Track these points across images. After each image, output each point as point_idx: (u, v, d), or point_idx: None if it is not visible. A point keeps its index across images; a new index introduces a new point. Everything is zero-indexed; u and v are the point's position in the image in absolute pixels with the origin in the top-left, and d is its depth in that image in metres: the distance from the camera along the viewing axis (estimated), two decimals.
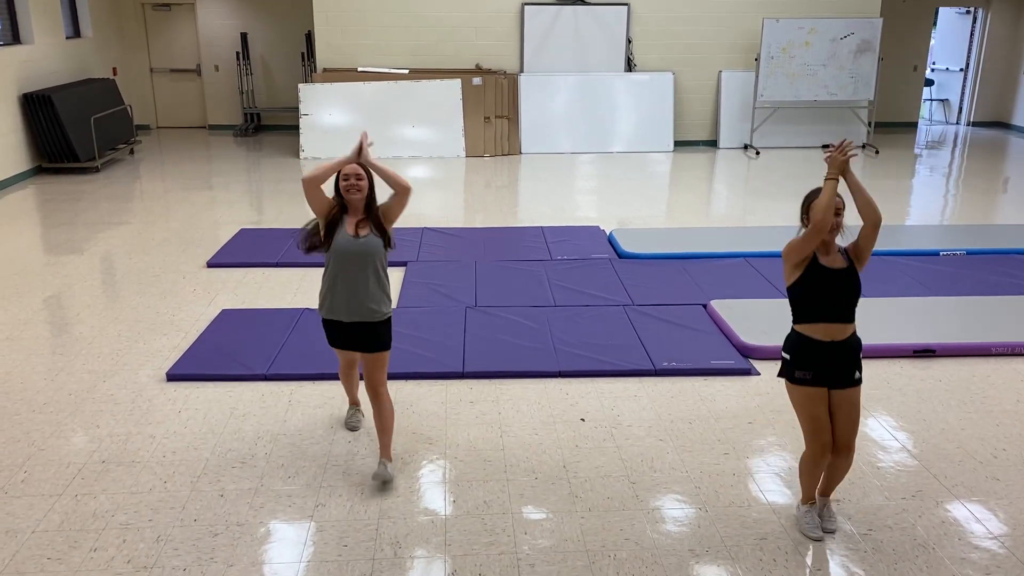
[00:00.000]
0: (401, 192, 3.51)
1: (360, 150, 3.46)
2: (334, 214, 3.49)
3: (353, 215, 3.50)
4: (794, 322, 3.19)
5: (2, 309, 5.59)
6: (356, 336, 3.57)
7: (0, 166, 9.15)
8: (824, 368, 3.11)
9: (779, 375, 3.23)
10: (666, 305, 5.57)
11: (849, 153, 3.21)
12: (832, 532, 3.28)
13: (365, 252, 3.46)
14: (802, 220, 3.21)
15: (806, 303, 3.13)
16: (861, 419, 4.12)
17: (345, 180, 3.45)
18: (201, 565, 3.05)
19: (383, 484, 3.56)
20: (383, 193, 3.44)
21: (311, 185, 3.43)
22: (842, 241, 3.27)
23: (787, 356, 3.18)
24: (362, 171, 3.46)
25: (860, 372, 3.16)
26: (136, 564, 3.06)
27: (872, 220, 3.24)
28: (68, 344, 5.04)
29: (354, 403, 4.10)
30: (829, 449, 3.17)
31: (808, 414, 3.16)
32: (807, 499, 3.32)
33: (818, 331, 3.10)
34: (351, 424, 4.04)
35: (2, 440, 3.91)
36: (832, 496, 3.37)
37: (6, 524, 3.28)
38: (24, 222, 7.91)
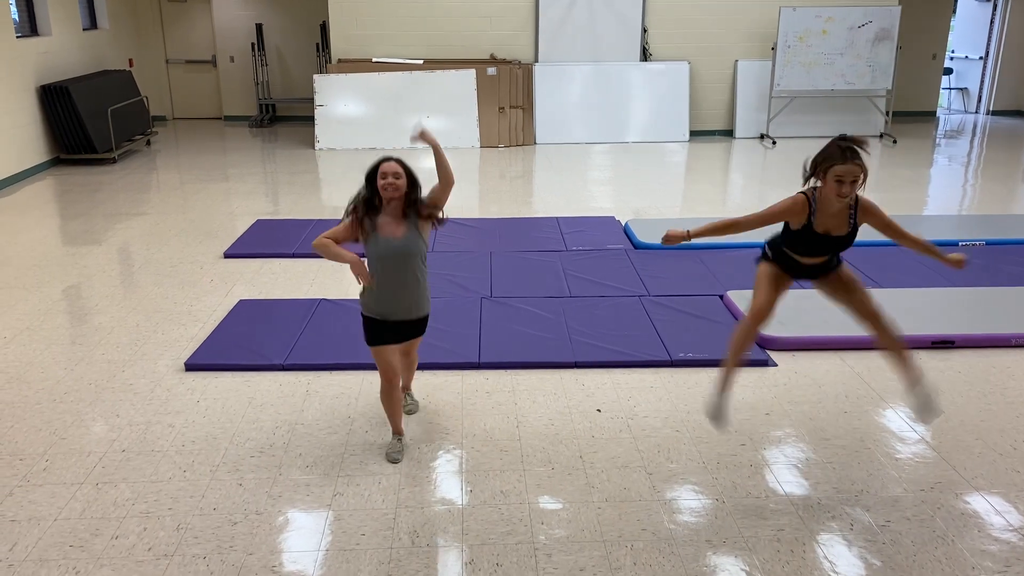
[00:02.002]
0: (447, 184, 3.54)
1: (422, 135, 3.55)
2: (364, 224, 3.42)
3: (391, 215, 3.42)
4: (782, 238, 3.37)
5: (22, 299, 5.65)
6: (401, 331, 3.58)
7: (18, 157, 9.22)
8: (803, 273, 3.38)
9: (755, 260, 3.49)
10: (682, 296, 5.55)
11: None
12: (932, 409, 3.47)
13: (407, 253, 3.42)
14: (819, 175, 3.20)
15: (793, 242, 3.33)
16: (879, 409, 4.14)
17: (383, 179, 3.36)
18: (221, 553, 3.08)
19: (413, 411, 4.05)
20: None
21: (325, 249, 3.45)
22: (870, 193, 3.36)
23: (768, 252, 3.43)
24: (401, 170, 3.38)
25: (839, 260, 3.39)
26: (157, 552, 3.09)
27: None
28: (87, 334, 5.08)
29: (398, 431, 3.77)
30: (764, 318, 3.38)
31: (763, 286, 3.39)
32: (724, 386, 3.48)
33: (801, 259, 3.36)
34: (392, 456, 3.69)
35: (24, 429, 3.96)
36: (917, 376, 3.48)
37: (29, 512, 3.32)
38: (42, 213, 7.97)
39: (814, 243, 3.27)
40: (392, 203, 3.40)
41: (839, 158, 3.05)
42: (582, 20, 11.49)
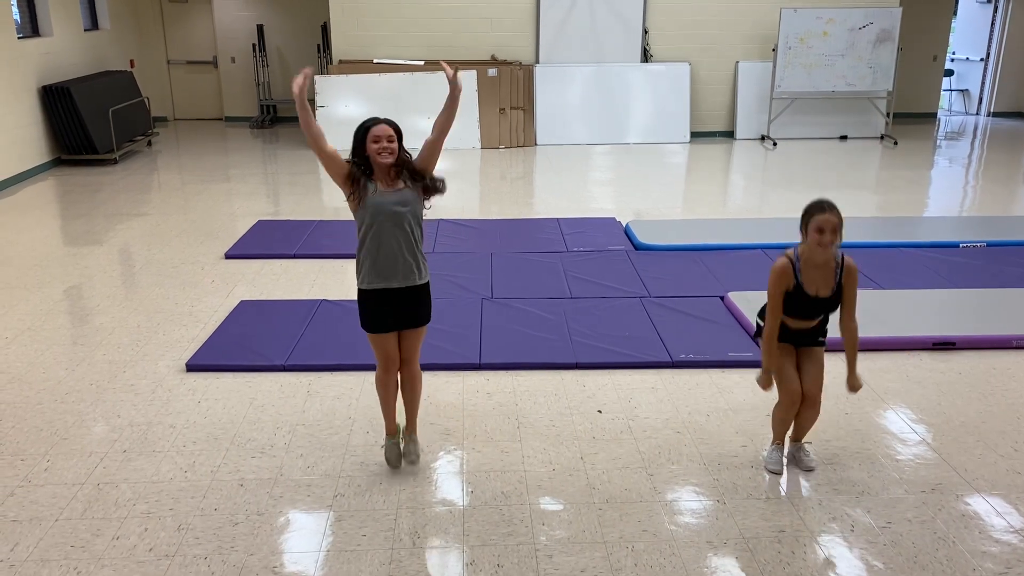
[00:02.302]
0: (447, 127, 3.37)
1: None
2: (357, 177, 3.28)
3: (384, 178, 3.28)
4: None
5: (23, 300, 5.65)
6: (402, 307, 3.37)
7: (20, 158, 9.23)
8: (791, 338, 3.50)
9: (753, 337, 3.63)
10: (683, 297, 5.55)
11: None
12: (811, 470, 3.62)
13: (401, 205, 3.26)
14: (801, 231, 3.39)
15: (784, 308, 3.43)
16: (880, 410, 4.15)
17: (376, 143, 3.22)
18: (222, 553, 3.08)
19: (414, 461, 3.59)
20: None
21: (317, 141, 3.27)
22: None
23: (761, 323, 3.56)
24: (393, 132, 3.25)
25: (824, 337, 3.55)
26: (158, 552, 3.09)
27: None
28: (88, 335, 5.08)
29: (392, 432, 3.62)
30: (798, 399, 3.51)
31: (776, 368, 3.50)
32: (776, 440, 3.69)
33: (789, 322, 3.47)
34: (391, 458, 3.60)
35: (25, 429, 3.96)
36: (804, 439, 3.72)
37: (30, 512, 3.32)
38: (43, 213, 7.98)
39: (804, 305, 3.40)
40: (385, 167, 3.27)
41: (816, 210, 3.30)
42: (583, 21, 11.49)
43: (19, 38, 9.39)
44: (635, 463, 3.69)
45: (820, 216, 3.26)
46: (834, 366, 4.64)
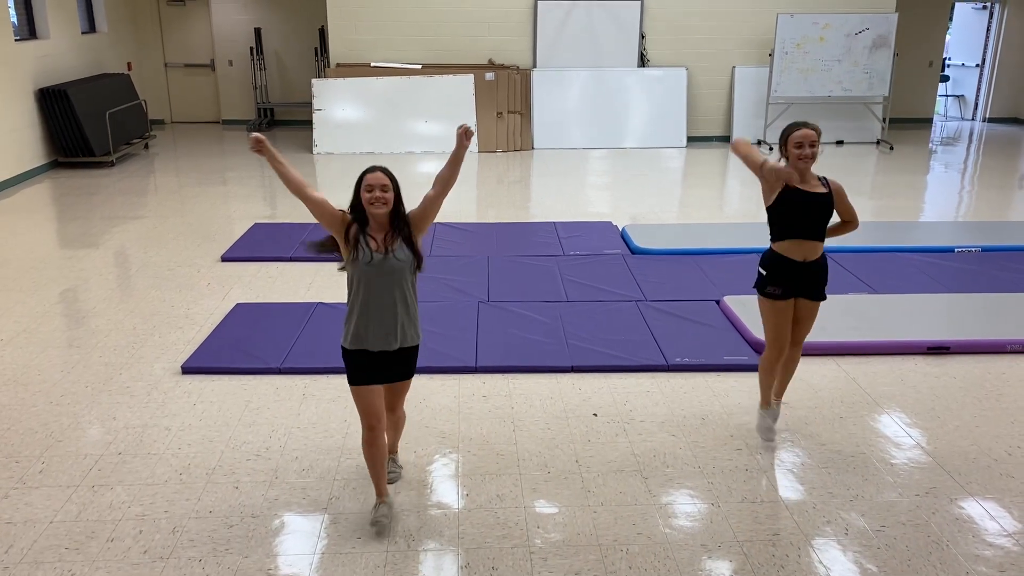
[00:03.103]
0: (448, 185, 3.19)
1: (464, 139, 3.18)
2: (352, 230, 3.09)
3: (377, 230, 3.08)
4: (771, 240, 3.62)
5: (19, 302, 5.65)
6: (386, 365, 3.16)
7: (16, 160, 9.22)
8: (795, 284, 3.57)
9: (753, 286, 3.67)
10: (679, 301, 5.56)
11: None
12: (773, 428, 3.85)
13: (394, 269, 3.05)
14: (782, 154, 3.61)
15: (781, 223, 3.54)
16: (874, 414, 4.16)
17: (369, 191, 3.02)
18: (216, 556, 3.08)
19: (394, 480, 3.54)
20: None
21: (301, 191, 3.11)
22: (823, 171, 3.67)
23: (763, 272, 3.62)
24: (388, 181, 3.04)
25: (824, 289, 3.65)
26: (152, 555, 3.09)
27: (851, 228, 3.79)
28: (84, 337, 5.08)
29: (381, 494, 3.29)
30: (785, 354, 3.70)
31: (773, 323, 3.63)
32: (764, 403, 3.85)
33: (792, 249, 3.54)
34: (379, 523, 3.23)
35: (20, 431, 3.96)
36: (783, 398, 3.94)
37: (25, 514, 3.32)
38: (40, 216, 7.97)
39: (803, 206, 3.47)
40: (379, 217, 3.07)
41: (792, 127, 3.51)
42: (580, 26, 11.52)
43: (16, 40, 9.39)
44: (630, 466, 3.70)
45: (797, 132, 3.46)
46: (830, 370, 4.66)
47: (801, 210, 3.51)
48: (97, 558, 3.07)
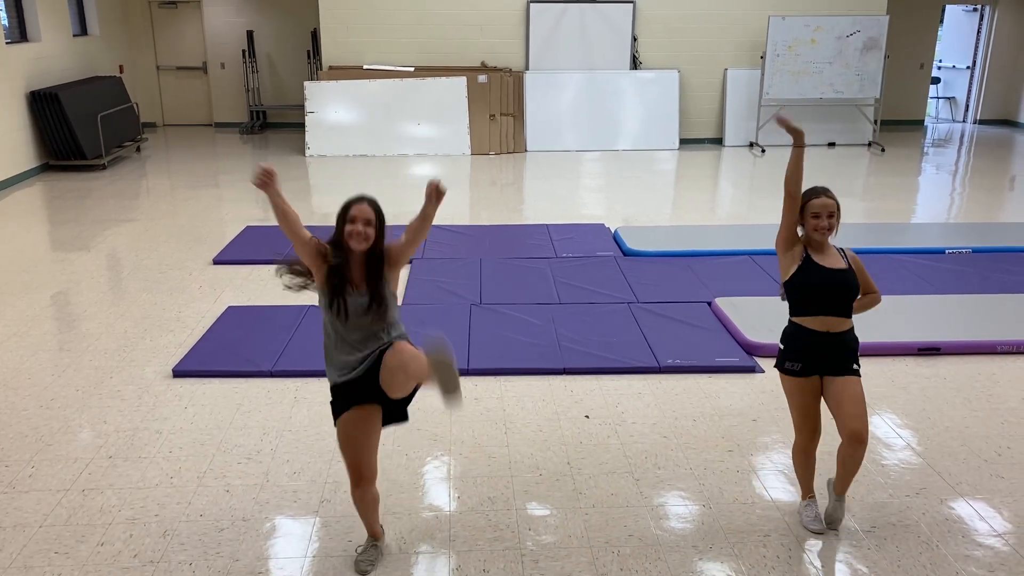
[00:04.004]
0: (420, 236, 2.91)
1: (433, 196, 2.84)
2: (331, 264, 2.85)
3: (353, 266, 2.84)
4: (791, 315, 3.22)
5: (9, 305, 5.63)
6: (363, 388, 2.86)
7: (7, 163, 9.19)
8: (816, 358, 3.12)
9: (775, 366, 3.27)
10: (671, 303, 5.57)
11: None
12: (838, 525, 3.27)
13: (366, 312, 2.83)
14: (799, 221, 3.19)
15: (802, 298, 3.15)
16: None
17: (352, 224, 2.77)
18: (207, 560, 3.07)
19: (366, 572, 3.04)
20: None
21: (293, 228, 2.87)
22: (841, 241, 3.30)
23: (781, 346, 3.23)
24: (372, 216, 2.78)
25: (858, 365, 3.14)
26: (143, 559, 3.08)
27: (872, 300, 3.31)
28: (75, 340, 5.06)
29: (374, 535, 3.11)
30: (816, 438, 3.23)
31: (795, 403, 3.21)
32: (806, 494, 3.35)
33: (814, 323, 3.12)
34: (363, 566, 3.03)
35: (10, 436, 3.94)
36: (847, 493, 3.28)
37: (14, 518, 3.31)
38: (31, 219, 7.94)
39: (822, 281, 3.12)
40: (358, 255, 2.83)
41: (811, 195, 3.16)
42: (573, 29, 11.54)
43: (7, 43, 9.36)
44: (622, 468, 3.70)
45: (815, 200, 3.13)
46: None
47: (822, 285, 3.12)
48: (87, 562, 3.05)
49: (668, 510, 3.40)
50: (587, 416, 4.16)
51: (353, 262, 2.84)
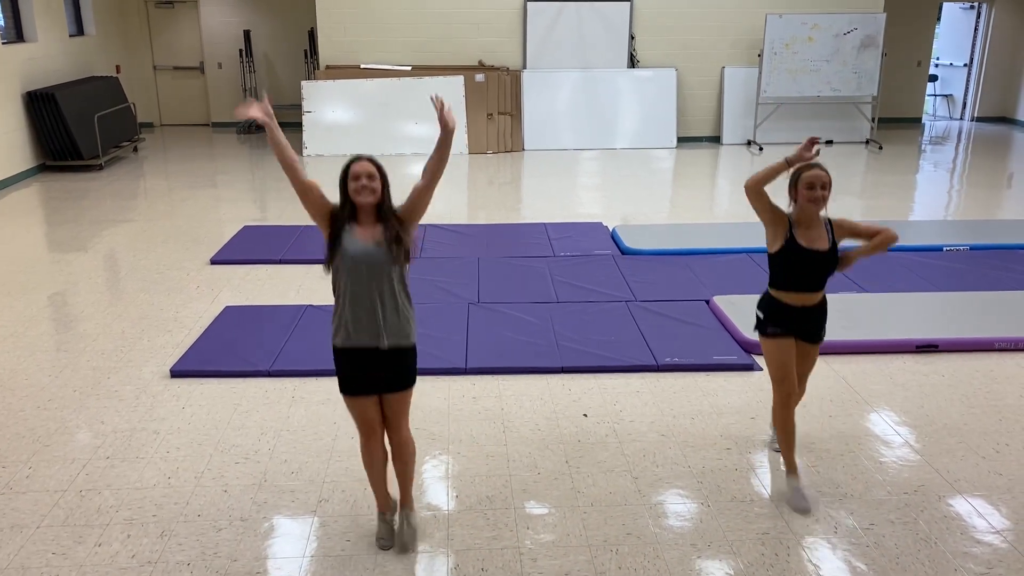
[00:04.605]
0: (438, 173, 2.99)
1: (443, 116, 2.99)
2: (337, 220, 2.94)
3: (364, 222, 2.92)
4: (769, 285, 3.47)
5: (7, 306, 5.62)
6: (380, 369, 2.97)
7: (4, 164, 9.17)
8: (794, 325, 3.42)
9: (754, 329, 3.53)
10: (669, 301, 5.57)
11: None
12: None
13: (378, 261, 2.89)
14: (791, 194, 3.39)
15: (780, 274, 3.41)
16: (863, 413, 4.18)
17: (355, 180, 2.86)
18: (205, 560, 3.07)
19: (407, 546, 3.13)
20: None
21: (293, 167, 2.94)
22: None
23: (760, 315, 3.49)
24: (375, 170, 2.88)
25: (824, 331, 3.50)
26: (140, 559, 3.07)
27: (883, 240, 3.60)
28: (72, 341, 5.05)
29: (384, 507, 3.19)
30: (795, 394, 3.47)
31: (777, 362, 3.43)
32: (792, 468, 3.47)
33: (789, 298, 3.40)
34: (383, 541, 3.15)
35: (7, 436, 3.93)
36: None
37: (11, 519, 3.30)
38: (28, 220, 7.93)
39: (802, 262, 3.32)
40: (366, 207, 2.91)
41: (804, 168, 3.32)
42: (570, 27, 11.53)
43: (3, 43, 9.35)
44: (620, 466, 3.70)
45: (809, 172, 3.27)
46: (819, 369, 4.66)
47: (802, 267, 3.34)
48: (85, 563, 3.05)
49: (666, 508, 3.39)
50: (585, 415, 4.16)
51: (364, 218, 2.93)
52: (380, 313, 2.93)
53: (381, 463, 3.11)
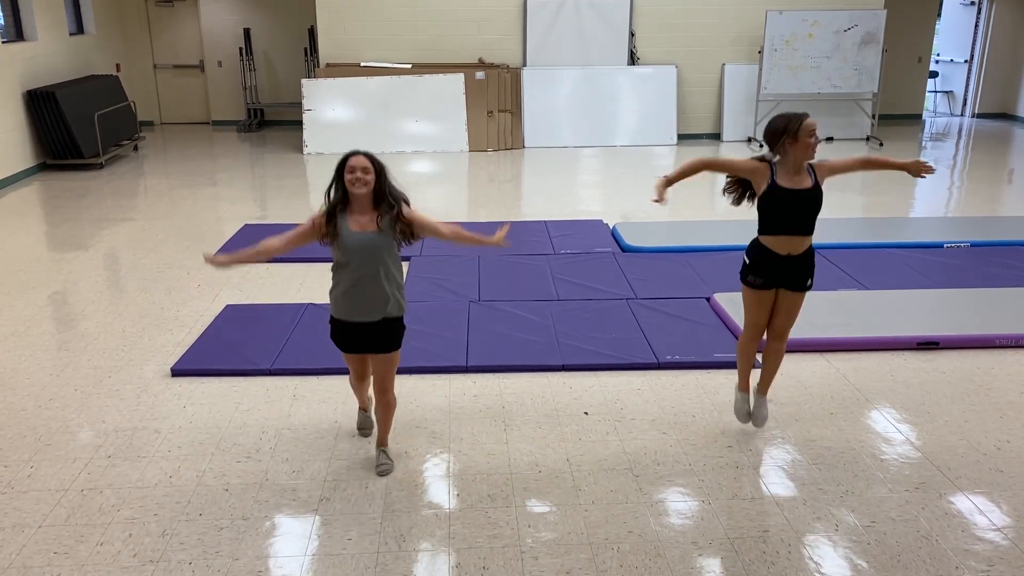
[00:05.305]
0: (446, 238, 3.52)
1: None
2: (329, 224, 3.32)
3: (358, 211, 3.29)
4: (758, 231, 3.60)
5: (8, 306, 5.62)
6: (367, 337, 3.42)
7: (4, 163, 9.18)
8: (778, 276, 3.58)
9: (739, 274, 3.70)
10: (669, 298, 5.57)
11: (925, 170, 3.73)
12: (761, 425, 3.88)
13: (373, 248, 3.28)
14: (779, 145, 3.46)
15: (767, 218, 3.54)
16: (864, 410, 4.17)
17: (351, 173, 3.22)
18: (207, 559, 3.07)
19: (384, 472, 3.62)
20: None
21: (289, 246, 3.42)
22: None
23: (747, 260, 3.65)
24: (369, 164, 3.23)
25: (811, 280, 3.63)
26: (142, 558, 3.07)
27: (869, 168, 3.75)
28: (73, 340, 5.06)
29: (364, 408, 3.93)
30: (760, 334, 3.76)
31: (751, 309, 3.70)
32: (742, 386, 3.89)
33: (777, 243, 3.54)
34: (362, 431, 3.93)
35: (9, 435, 3.94)
36: (768, 396, 3.96)
37: (13, 519, 3.30)
38: (29, 219, 7.93)
39: (785, 203, 3.46)
40: (361, 198, 3.26)
41: (799, 117, 3.43)
42: (570, 25, 11.52)
43: (3, 42, 9.34)
44: (621, 464, 3.70)
45: (808, 120, 3.40)
46: (819, 367, 4.67)
47: (787, 207, 3.50)
48: (86, 562, 3.05)
49: (668, 506, 3.40)
50: (586, 413, 4.16)
51: (359, 207, 3.29)
52: (371, 295, 3.34)
53: (365, 389, 3.77)
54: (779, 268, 3.57)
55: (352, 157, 3.26)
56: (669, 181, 3.72)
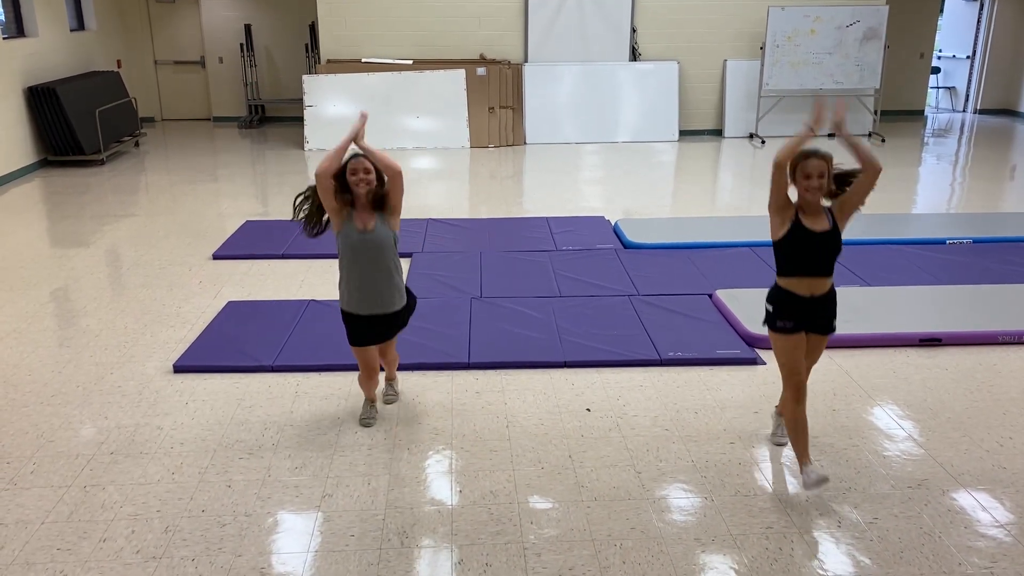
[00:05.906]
0: (392, 176, 3.62)
1: (359, 132, 3.70)
2: (344, 209, 3.62)
3: (360, 209, 3.61)
4: (777, 275, 3.46)
5: (9, 302, 5.62)
6: (377, 328, 3.77)
7: (5, 159, 9.17)
8: (804, 318, 3.42)
9: (763, 323, 3.51)
10: (671, 295, 5.56)
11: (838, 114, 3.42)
12: (824, 484, 3.36)
13: (376, 246, 3.61)
14: (791, 183, 3.38)
15: (788, 260, 3.41)
16: (866, 407, 4.18)
17: (353, 175, 3.54)
18: (209, 555, 3.07)
19: (391, 401, 4.16)
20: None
21: (326, 176, 3.54)
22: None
23: (770, 308, 3.48)
24: (369, 165, 3.56)
25: (835, 321, 3.50)
26: (145, 554, 3.08)
27: (873, 170, 3.43)
28: (75, 336, 5.06)
29: (371, 399, 4.07)
30: (804, 389, 3.45)
31: (787, 357, 3.46)
32: (805, 457, 3.42)
33: (799, 286, 3.40)
34: (366, 421, 4.00)
35: (11, 432, 3.94)
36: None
37: (16, 515, 3.31)
38: (30, 215, 7.93)
39: (808, 244, 3.34)
40: (362, 197, 3.57)
41: (803, 156, 3.36)
42: (571, 20, 11.50)
43: (4, 38, 9.33)
44: (623, 461, 3.70)
45: (807, 162, 3.33)
46: (822, 363, 4.66)
47: (808, 249, 3.36)
48: (89, 558, 3.05)
49: (670, 503, 3.39)
50: (588, 409, 4.16)
51: (361, 206, 3.60)
52: (378, 288, 3.67)
53: (376, 382, 3.97)
54: (806, 310, 3.40)
55: (353, 160, 3.56)
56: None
